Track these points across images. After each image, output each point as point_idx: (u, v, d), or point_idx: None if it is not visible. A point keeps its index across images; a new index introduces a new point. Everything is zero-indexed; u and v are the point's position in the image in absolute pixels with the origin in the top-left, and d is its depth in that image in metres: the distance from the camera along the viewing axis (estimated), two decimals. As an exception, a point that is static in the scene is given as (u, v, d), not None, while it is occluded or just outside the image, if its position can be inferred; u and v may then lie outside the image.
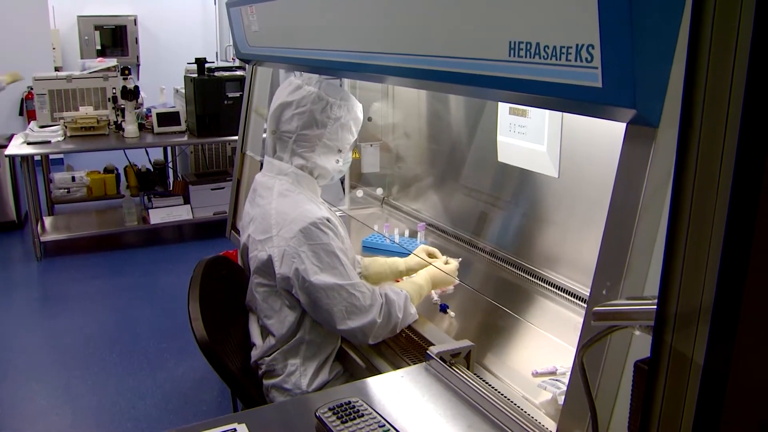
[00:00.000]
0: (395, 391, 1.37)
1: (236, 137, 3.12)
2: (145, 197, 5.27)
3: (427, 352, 1.46)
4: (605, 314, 0.83)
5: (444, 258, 2.03)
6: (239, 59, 2.99)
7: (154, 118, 4.89)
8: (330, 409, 1.22)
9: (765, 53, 0.48)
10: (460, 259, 2.03)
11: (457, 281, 1.98)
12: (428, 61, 1.33)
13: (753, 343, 0.54)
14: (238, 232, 2.56)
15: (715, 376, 0.55)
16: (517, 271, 2.05)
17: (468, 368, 1.45)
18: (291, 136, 1.79)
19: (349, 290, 1.63)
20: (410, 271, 2.05)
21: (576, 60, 0.98)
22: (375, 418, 1.20)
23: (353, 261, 1.81)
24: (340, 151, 1.82)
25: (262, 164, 1.96)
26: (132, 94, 4.71)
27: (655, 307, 0.62)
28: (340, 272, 1.64)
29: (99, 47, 8.49)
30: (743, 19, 0.50)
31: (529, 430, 1.19)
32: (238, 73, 4.84)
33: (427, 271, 1.92)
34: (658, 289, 0.60)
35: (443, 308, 1.87)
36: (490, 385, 1.33)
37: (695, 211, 0.56)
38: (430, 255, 2.05)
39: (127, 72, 4.79)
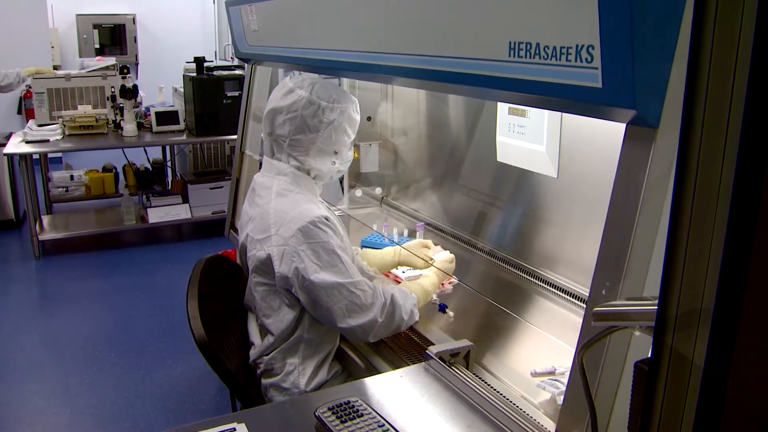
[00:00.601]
0: (394, 390, 1.37)
1: (235, 136, 3.12)
2: (144, 196, 5.26)
3: (427, 351, 1.46)
4: (605, 315, 0.83)
5: (437, 248, 2.04)
6: (238, 58, 2.99)
7: (152, 117, 4.89)
8: (329, 409, 1.22)
9: (767, 54, 0.48)
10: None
11: (453, 277, 1.99)
12: (428, 61, 1.33)
13: (754, 344, 0.54)
14: (236, 231, 2.56)
15: (715, 377, 0.55)
16: (516, 271, 2.05)
17: (467, 368, 1.45)
18: (285, 140, 1.78)
19: (349, 288, 1.63)
20: (404, 258, 2.05)
21: (576, 60, 0.99)
22: (374, 417, 1.20)
23: (352, 257, 1.81)
24: (336, 152, 1.82)
25: (260, 163, 1.96)
26: (131, 93, 4.70)
27: (656, 307, 0.62)
28: (340, 270, 1.64)
29: (98, 46, 8.47)
30: (745, 20, 0.50)
31: (528, 429, 1.19)
32: (237, 72, 4.84)
33: (434, 273, 1.92)
34: (659, 290, 0.60)
35: (442, 308, 1.87)
36: (489, 385, 1.33)
37: (696, 211, 0.56)
38: (425, 248, 2.06)
39: (125, 71, 4.79)
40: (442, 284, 1.97)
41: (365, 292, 1.64)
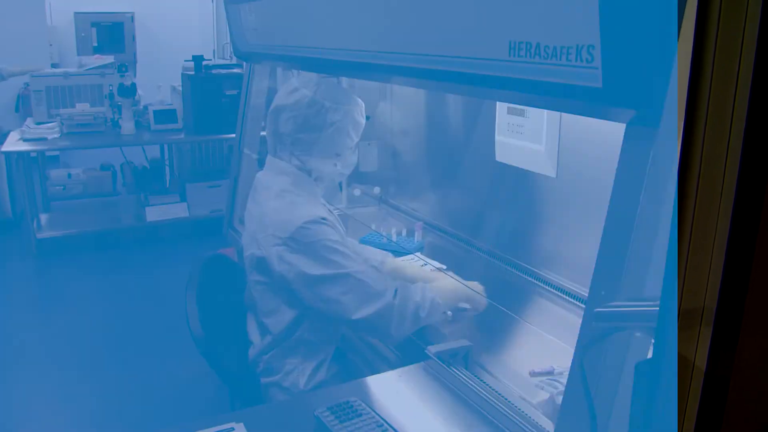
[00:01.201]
0: (393, 390, 1.37)
1: (233, 135, 3.11)
2: (142, 195, 5.25)
3: (425, 351, 1.46)
4: (606, 315, 0.83)
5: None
6: (237, 57, 2.98)
7: (151, 116, 4.88)
8: (328, 409, 1.22)
9: (769, 55, 0.48)
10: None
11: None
12: (428, 61, 1.32)
13: (756, 345, 0.54)
14: (235, 230, 2.56)
15: (717, 379, 0.55)
16: (515, 271, 2.05)
17: (466, 368, 1.45)
18: (288, 138, 1.78)
19: (355, 276, 1.60)
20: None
21: (576, 60, 0.98)
22: (373, 417, 1.20)
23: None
24: (338, 154, 1.81)
25: (259, 162, 1.96)
26: (129, 91, 4.69)
27: (656, 308, 0.62)
28: (341, 264, 1.62)
29: (96, 44, 8.45)
30: (749, 19, 0.49)
31: (526, 430, 1.19)
32: (236, 70, 4.83)
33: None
34: (661, 291, 0.60)
35: (441, 308, 1.86)
36: (487, 385, 1.33)
37: (699, 211, 0.56)
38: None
39: (124, 69, 4.78)
40: None
41: (373, 278, 1.62)
